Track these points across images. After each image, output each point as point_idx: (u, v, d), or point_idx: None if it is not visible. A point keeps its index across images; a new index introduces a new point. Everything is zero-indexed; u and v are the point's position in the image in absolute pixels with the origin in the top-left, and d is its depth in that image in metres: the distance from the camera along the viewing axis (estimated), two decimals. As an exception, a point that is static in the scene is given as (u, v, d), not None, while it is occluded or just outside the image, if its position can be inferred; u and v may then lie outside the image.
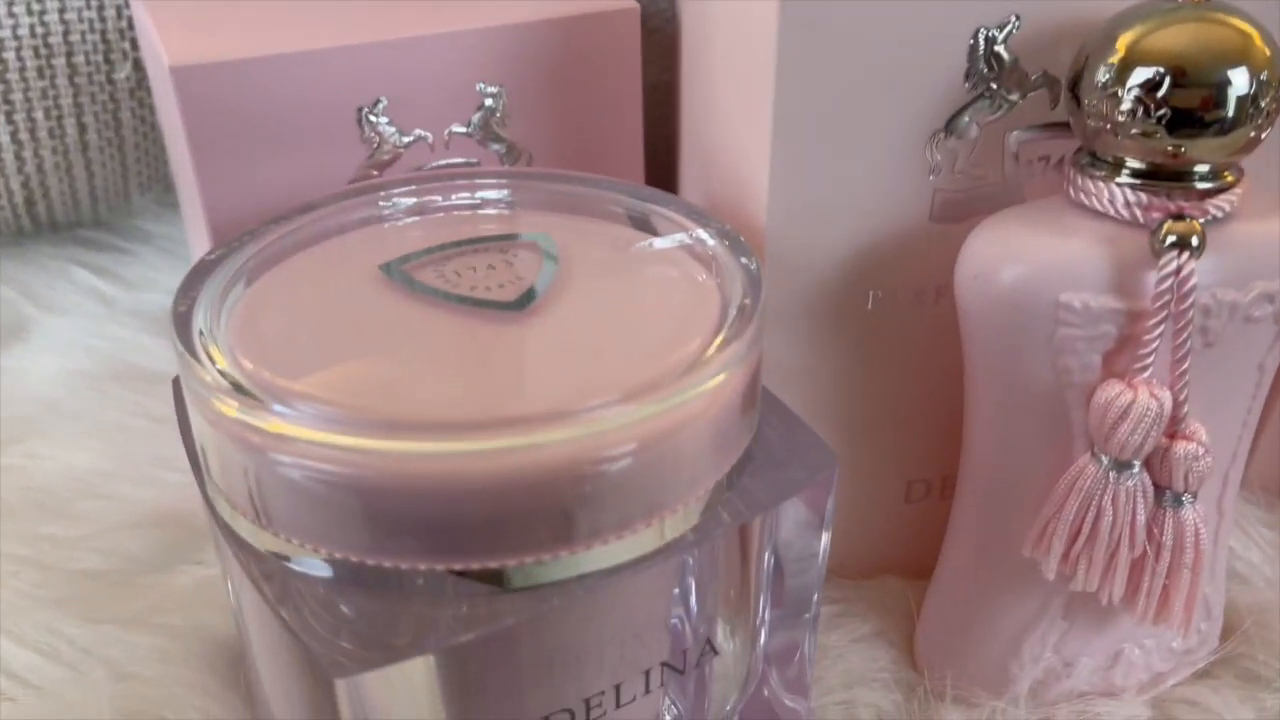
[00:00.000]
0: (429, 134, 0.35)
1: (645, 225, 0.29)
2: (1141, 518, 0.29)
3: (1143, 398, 0.27)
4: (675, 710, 0.29)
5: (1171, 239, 0.27)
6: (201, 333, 0.24)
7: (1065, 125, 0.31)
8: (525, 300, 0.26)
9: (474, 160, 0.36)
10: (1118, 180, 0.28)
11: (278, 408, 0.22)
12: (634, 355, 0.24)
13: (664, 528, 0.24)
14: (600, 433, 0.22)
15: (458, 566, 0.22)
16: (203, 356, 0.24)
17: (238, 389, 0.23)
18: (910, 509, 0.37)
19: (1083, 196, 0.29)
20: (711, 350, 0.24)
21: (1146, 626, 0.32)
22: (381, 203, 0.30)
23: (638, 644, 0.25)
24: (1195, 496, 0.29)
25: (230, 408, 0.22)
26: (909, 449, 0.36)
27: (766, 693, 0.31)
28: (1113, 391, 0.28)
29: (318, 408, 0.22)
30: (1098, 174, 0.28)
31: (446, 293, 0.26)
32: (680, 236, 0.28)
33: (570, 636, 0.24)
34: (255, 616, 0.25)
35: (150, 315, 0.51)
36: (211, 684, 0.33)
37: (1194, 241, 0.27)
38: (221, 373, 0.23)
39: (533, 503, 0.22)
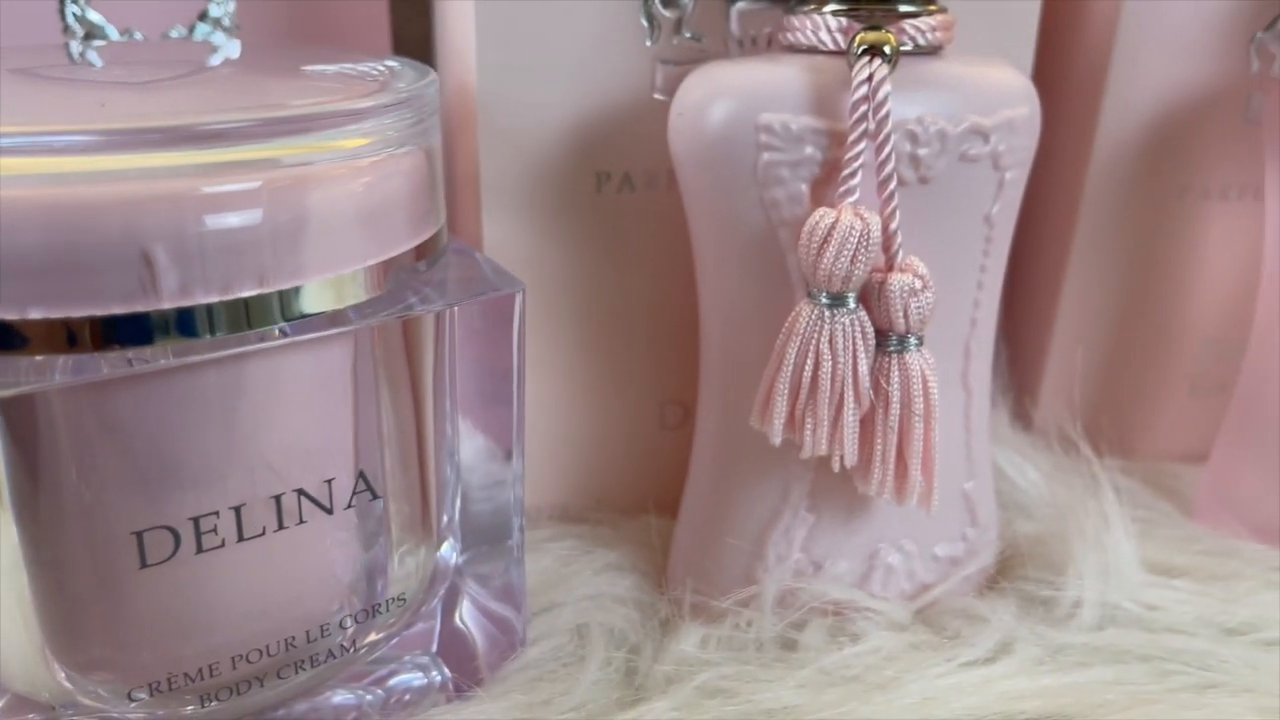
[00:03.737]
0: (141, 35, 0.33)
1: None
2: (864, 364, 0.26)
3: (846, 218, 0.25)
4: (349, 616, 0.25)
5: (863, 48, 0.26)
6: None
7: (785, -5, 0.30)
8: (163, 81, 0.23)
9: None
10: (825, 10, 0.27)
11: None
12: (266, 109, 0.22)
13: (282, 302, 0.21)
14: (211, 164, 0.20)
15: (12, 317, 0.19)
16: None
17: None
18: (669, 438, 0.34)
19: (789, 35, 0.28)
20: (354, 105, 0.22)
21: (899, 521, 0.30)
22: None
23: (263, 457, 0.22)
24: (921, 341, 0.27)
25: None
26: (659, 365, 0.34)
27: (464, 621, 0.28)
28: (816, 216, 0.26)
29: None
30: (805, 9, 0.27)
31: (90, 80, 0.24)
32: (352, 65, 0.26)
33: (159, 425, 0.21)
34: None
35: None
36: None
37: (886, 50, 0.25)
38: None
39: (107, 240, 0.19)
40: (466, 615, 0.28)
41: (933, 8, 0.27)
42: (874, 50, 0.26)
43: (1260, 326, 0.35)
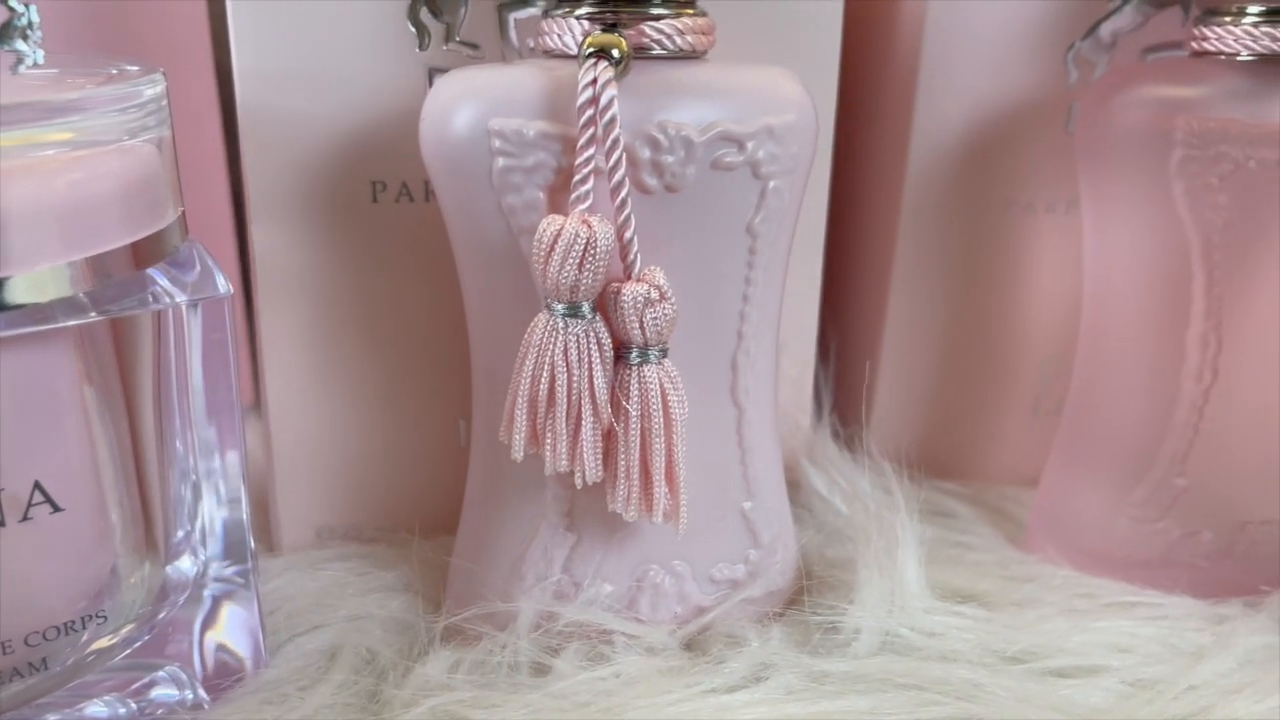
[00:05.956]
0: (-63, 42, 0.33)
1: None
2: (601, 376, 0.25)
3: (571, 226, 0.25)
4: (39, 633, 0.24)
5: (590, 50, 0.25)
6: None
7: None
8: None
9: None
10: (576, 14, 0.26)
11: None
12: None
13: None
14: None
15: None
16: None
17: None
18: (467, 455, 0.33)
19: (543, 40, 0.27)
20: (46, 98, 0.21)
21: (670, 542, 0.29)
22: None
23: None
24: (665, 353, 0.26)
25: None
26: (454, 380, 0.33)
27: (213, 638, 0.27)
28: (544, 224, 0.25)
29: None
30: (560, 12, 0.27)
31: None
32: (90, 66, 0.26)
33: None
34: None
35: None
36: None
37: (614, 53, 0.25)
38: None
39: None
40: (217, 632, 0.27)
41: (689, 11, 0.26)
42: (602, 53, 0.25)
43: (1083, 346, 0.33)
